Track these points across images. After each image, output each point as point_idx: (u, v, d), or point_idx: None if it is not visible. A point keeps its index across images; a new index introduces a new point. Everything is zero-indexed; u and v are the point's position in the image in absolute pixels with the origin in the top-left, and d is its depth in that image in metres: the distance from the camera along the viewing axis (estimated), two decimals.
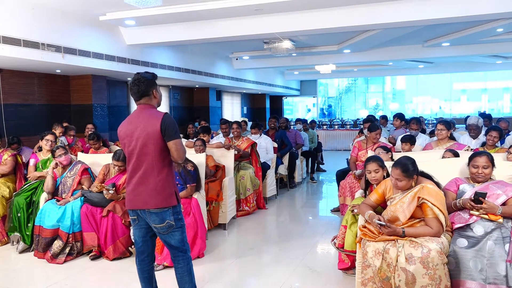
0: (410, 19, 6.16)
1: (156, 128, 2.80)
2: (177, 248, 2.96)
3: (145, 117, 2.87)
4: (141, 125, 2.85)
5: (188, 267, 3.01)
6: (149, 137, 2.82)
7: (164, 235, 2.92)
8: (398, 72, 16.50)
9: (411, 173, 3.15)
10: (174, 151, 2.84)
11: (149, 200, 2.84)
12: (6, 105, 7.06)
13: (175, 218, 2.91)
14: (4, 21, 5.45)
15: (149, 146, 2.83)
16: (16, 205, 4.80)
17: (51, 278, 3.98)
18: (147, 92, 2.91)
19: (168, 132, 2.81)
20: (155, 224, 2.88)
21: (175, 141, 2.84)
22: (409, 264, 2.85)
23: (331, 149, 14.89)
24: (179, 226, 2.94)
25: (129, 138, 2.89)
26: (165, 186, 2.87)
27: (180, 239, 2.96)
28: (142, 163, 2.86)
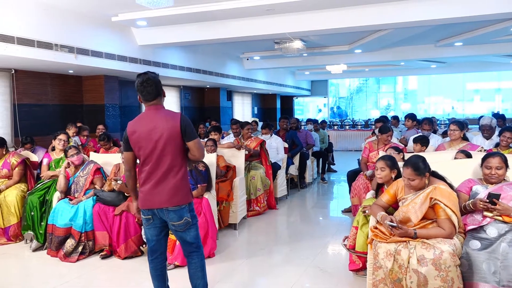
0: (421, 19, 6.11)
1: (176, 129, 2.82)
2: (192, 244, 3.01)
3: (161, 117, 2.87)
4: (159, 126, 2.83)
5: (201, 263, 3.05)
6: (170, 137, 2.83)
7: (181, 232, 2.96)
8: (410, 72, 16.37)
9: (423, 171, 3.13)
10: (196, 150, 2.88)
11: (169, 199, 2.87)
12: (20, 105, 7.15)
13: (191, 215, 2.96)
14: (18, 22, 5.52)
15: (170, 147, 2.84)
16: (29, 204, 4.86)
17: (64, 276, 4.02)
18: (159, 92, 2.92)
19: (188, 132, 2.85)
20: (174, 222, 2.91)
21: (195, 140, 2.88)
22: (421, 265, 2.83)
23: (342, 149, 14.82)
24: (194, 222, 3.00)
25: (146, 141, 2.85)
26: (183, 184, 2.92)
27: (195, 235, 3.01)
28: (161, 164, 2.86)
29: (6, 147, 5.26)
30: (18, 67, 6.90)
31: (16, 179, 5.21)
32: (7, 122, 7.03)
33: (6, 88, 6.99)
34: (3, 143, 5.19)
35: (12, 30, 5.43)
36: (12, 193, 5.06)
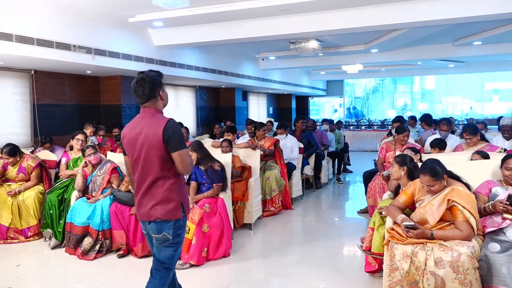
0: (439, 18, 6.02)
1: (158, 137, 2.56)
2: (163, 263, 2.72)
3: (147, 123, 2.63)
4: (143, 133, 2.61)
5: (161, 286, 2.73)
6: (151, 146, 2.58)
7: (157, 247, 2.72)
8: (427, 71, 16.16)
9: (441, 174, 3.09)
10: (179, 163, 2.59)
11: (152, 212, 2.64)
12: (39, 105, 7.27)
13: (174, 232, 2.67)
14: (37, 24, 5.61)
15: (153, 157, 2.60)
16: (48, 202, 4.95)
17: (82, 274, 4.08)
18: (153, 94, 2.65)
19: (172, 143, 2.56)
20: (152, 233, 2.69)
21: (180, 152, 2.58)
22: (438, 268, 2.79)
23: (357, 150, 14.71)
24: (175, 242, 2.70)
25: (132, 147, 2.67)
26: (173, 198, 2.65)
27: (170, 255, 2.72)
28: (147, 173, 2.64)
29: (19, 153, 5.30)
30: (38, 68, 7.02)
31: (35, 182, 5.29)
32: (27, 122, 7.15)
33: (26, 89, 7.11)
34: (15, 152, 5.21)
35: (32, 31, 5.53)
36: (30, 195, 5.15)
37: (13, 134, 6.88)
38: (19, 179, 5.27)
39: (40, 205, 5.12)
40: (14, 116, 6.94)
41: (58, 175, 5.51)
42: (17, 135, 6.96)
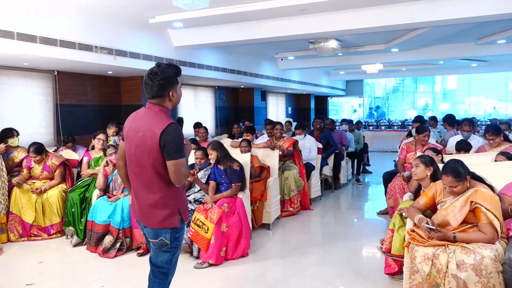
0: (462, 16, 5.90)
1: (155, 141, 2.34)
2: (161, 268, 2.61)
3: (147, 121, 2.43)
4: (142, 131, 2.41)
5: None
6: (147, 148, 2.38)
7: (154, 251, 2.62)
8: (449, 71, 15.88)
9: (464, 175, 3.04)
10: (172, 173, 2.36)
11: (145, 218, 2.51)
12: (62, 105, 7.41)
13: (171, 236, 2.52)
14: (60, 25, 5.72)
15: (146, 159, 2.40)
16: (70, 200, 5.04)
17: (102, 272, 4.14)
18: (161, 93, 2.44)
19: (168, 149, 2.33)
20: (149, 238, 2.58)
21: (175, 162, 2.34)
22: (460, 271, 2.75)
23: (377, 150, 14.57)
24: (173, 246, 2.56)
25: (129, 140, 2.50)
26: (165, 205, 2.46)
27: (167, 260, 2.59)
28: (139, 174, 2.47)
29: (44, 151, 5.43)
30: (60, 68, 7.16)
31: (59, 180, 5.41)
32: (50, 122, 7.30)
33: (49, 89, 7.26)
34: (41, 150, 5.34)
35: (55, 33, 5.64)
36: (54, 193, 5.25)
37: (37, 134, 7.03)
38: (43, 177, 5.38)
39: (63, 203, 5.22)
40: (38, 116, 7.09)
41: (80, 174, 5.61)
42: (40, 134, 7.11)
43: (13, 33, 5.13)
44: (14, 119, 6.51)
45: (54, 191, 5.28)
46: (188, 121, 9.75)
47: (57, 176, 5.39)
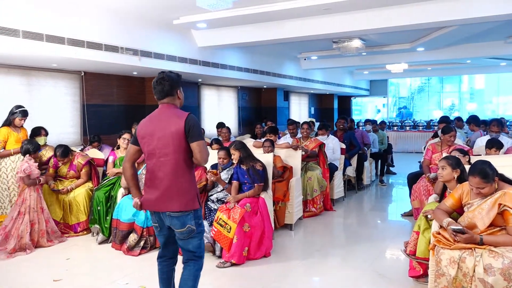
0: (491, 14, 5.76)
1: (179, 127, 2.70)
2: (193, 252, 2.87)
3: (167, 116, 2.79)
4: (162, 124, 2.77)
5: (195, 274, 2.89)
6: (171, 136, 2.72)
7: (184, 240, 2.83)
8: (477, 70, 15.51)
9: (492, 177, 2.96)
10: (198, 153, 2.73)
11: (171, 203, 2.75)
12: (88, 105, 7.57)
13: (196, 222, 2.81)
14: (87, 27, 5.85)
15: (171, 147, 2.72)
16: (96, 199, 5.14)
17: (127, 269, 4.21)
18: (171, 92, 2.84)
19: (192, 133, 2.71)
20: (176, 229, 2.80)
21: (199, 143, 2.73)
22: (487, 275, 2.68)
23: (401, 151, 14.36)
24: (199, 231, 2.85)
25: (149, 137, 2.80)
26: (188, 189, 2.78)
27: (198, 244, 2.87)
28: (163, 163, 2.75)
29: (70, 152, 5.54)
30: (87, 69, 7.32)
31: (85, 179, 5.53)
32: (77, 122, 7.47)
33: (76, 90, 7.43)
34: (67, 153, 5.45)
35: (82, 34, 5.76)
36: (81, 192, 5.38)
37: (64, 133, 7.20)
38: (70, 176, 5.51)
39: (89, 202, 5.33)
40: (65, 116, 7.26)
41: (106, 173, 5.71)
42: (68, 134, 7.29)
43: (42, 35, 5.27)
44: (42, 119, 6.68)
45: (81, 189, 5.40)
46: (211, 121, 9.82)
47: (83, 175, 5.51)
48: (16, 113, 5.26)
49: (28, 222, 4.73)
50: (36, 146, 5.07)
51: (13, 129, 5.30)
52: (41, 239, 4.85)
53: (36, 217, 4.82)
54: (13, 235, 4.65)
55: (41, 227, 4.86)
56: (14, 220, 4.71)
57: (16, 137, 5.29)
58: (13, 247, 4.59)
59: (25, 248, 4.65)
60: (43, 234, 4.87)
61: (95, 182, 5.59)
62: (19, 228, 4.68)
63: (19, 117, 5.27)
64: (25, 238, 4.68)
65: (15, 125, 5.32)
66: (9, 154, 5.21)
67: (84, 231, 5.34)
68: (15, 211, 4.75)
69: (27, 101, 6.52)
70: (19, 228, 4.68)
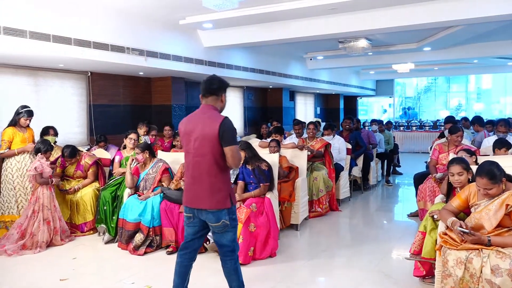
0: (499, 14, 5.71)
1: (214, 131, 2.82)
2: (228, 246, 3.02)
3: (205, 117, 2.92)
4: (200, 125, 2.90)
5: (235, 266, 3.06)
6: (206, 138, 2.85)
7: (218, 234, 3.00)
8: (484, 70, 15.41)
9: (499, 177, 2.94)
10: (230, 157, 2.87)
11: (205, 201, 2.90)
12: (94, 106, 7.60)
13: (230, 217, 2.95)
14: (94, 27, 5.87)
15: (206, 148, 2.87)
16: (102, 198, 5.17)
17: (133, 268, 4.23)
18: (216, 92, 2.97)
19: (225, 138, 2.84)
20: (211, 223, 2.95)
21: (231, 148, 2.86)
22: (495, 276, 2.67)
23: (408, 151, 14.30)
24: (233, 226, 3.00)
25: (187, 136, 2.96)
26: (221, 188, 2.91)
27: (232, 238, 3.02)
28: (198, 163, 2.91)
29: (77, 152, 5.57)
30: (94, 69, 7.35)
31: (92, 179, 5.56)
32: (83, 122, 7.50)
33: (83, 90, 7.47)
34: (75, 153, 5.48)
35: (89, 35, 5.79)
36: (88, 192, 5.41)
37: (71, 133, 7.24)
38: (77, 176, 5.54)
39: (96, 202, 5.35)
40: (72, 116, 7.30)
41: (112, 172, 5.74)
42: (74, 134, 7.33)
43: (49, 36, 5.30)
44: (49, 119, 6.71)
45: (88, 189, 5.42)
46: None
47: (90, 175, 5.53)
48: (21, 113, 5.27)
49: (42, 220, 4.79)
50: (47, 146, 5.09)
51: (18, 129, 5.30)
52: (55, 237, 4.91)
53: (50, 215, 4.88)
54: (29, 233, 4.72)
55: (55, 225, 4.92)
56: (29, 218, 4.78)
57: (22, 137, 5.30)
58: (23, 244, 4.64)
59: (36, 246, 4.70)
60: (56, 232, 4.93)
61: (101, 182, 5.61)
62: (33, 226, 4.74)
63: (24, 117, 5.28)
64: (38, 235, 4.73)
65: (21, 125, 5.32)
66: (13, 154, 5.19)
67: (91, 231, 5.37)
68: (30, 209, 4.81)
69: (34, 101, 6.56)
70: (32, 225, 4.74)
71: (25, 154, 5.26)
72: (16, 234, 4.72)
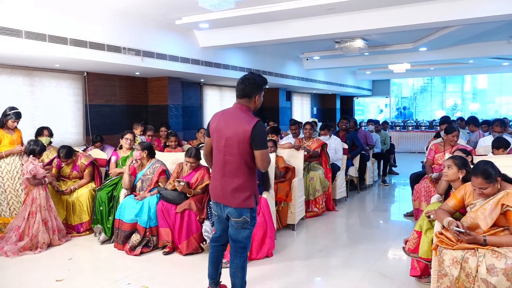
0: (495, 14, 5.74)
1: (246, 133, 2.86)
2: (241, 242, 3.10)
3: (238, 118, 2.95)
4: (232, 125, 2.93)
5: (242, 265, 3.13)
6: (238, 139, 2.90)
7: (235, 229, 3.07)
8: (480, 70, 15.49)
9: (494, 177, 2.96)
10: (259, 161, 2.92)
11: (230, 199, 2.99)
12: (91, 106, 7.59)
13: (251, 215, 3.05)
14: (90, 27, 5.86)
15: (236, 149, 2.92)
16: (98, 199, 5.15)
17: (129, 269, 4.22)
18: (249, 95, 2.99)
19: (257, 141, 2.88)
20: (233, 218, 3.04)
21: (262, 152, 2.90)
22: (490, 275, 2.68)
23: (404, 151, 14.34)
24: (252, 224, 3.09)
25: (218, 133, 3.00)
26: (246, 188, 2.98)
27: (247, 235, 3.11)
28: (228, 161, 2.98)
29: (73, 153, 5.53)
30: (90, 69, 7.33)
31: (88, 179, 5.53)
32: (79, 122, 7.49)
33: (79, 90, 7.45)
34: (71, 154, 5.45)
35: (85, 35, 5.78)
36: (84, 192, 5.38)
37: (67, 133, 7.23)
38: (73, 176, 5.52)
39: (92, 202, 5.33)
40: (68, 116, 7.28)
41: (108, 173, 5.72)
42: (70, 134, 7.31)
43: (45, 36, 5.29)
44: (45, 119, 6.70)
45: (84, 190, 5.40)
46: None
47: (86, 175, 5.52)
48: (9, 115, 5.16)
49: (40, 220, 4.76)
50: (42, 147, 5.06)
51: (6, 131, 5.20)
52: (53, 237, 4.89)
53: (48, 215, 4.86)
54: (27, 235, 4.69)
55: (53, 225, 4.91)
56: (27, 219, 4.74)
57: (10, 139, 5.22)
58: (23, 245, 4.62)
59: (37, 247, 4.69)
60: (54, 231, 4.91)
61: (97, 182, 5.60)
62: (33, 227, 4.71)
63: (12, 119, 5.18)
64: (38, 236, 4.71)
65: (8, 127, 5.23)
66: (1, 157, 5.12)
67: (87, 232, 5.34)
68: (26, 211, 4.76)
69: (29, 101, 6.54)
70: (32, 227, 4.71)
71: (14, 156, 5.20)
72: (14, 237, 4.67)
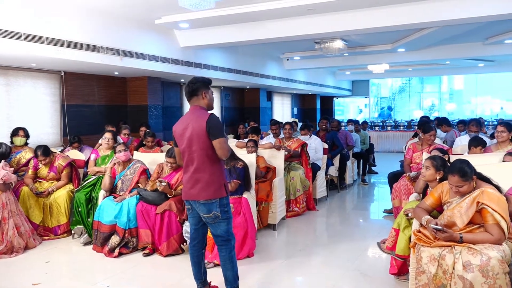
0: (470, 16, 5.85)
1: (202, 128, 3.08)
2: (221, 236, 3.24)
3: (193, 117, 3.16)
4: (190, 126, 3.14)
5: (229, 256, 3.27)
6: (197, 135, 3.10)
7: (211, 224, 3.24)
8: (456, 71, 15.79)
9: (470, 175, 3.02)
10: (219, 149, 3.10)
11: (200, 193, 3.14)
12: (68, 106, 7.45)
13: (221, 210, 3.18)
14: (68, 26, 5.75)
15: (197, 144, 3.11)
16: (76, 200, 5.07)
17: (108, 271, 4.16)
18: (195, 92, 3.23)
19: (213, 132, 3.08)
20: (203, 214, 3.19)
21: (219, 140, 3.09)
22: (466, 272, 2.73)
23: (383, 150, 14.53)
24: (225, 217, 3.22)
25: (180, 137, 3.21)
26: (214, 180, 3.14)
27: (225, 229, 3.24)
28: (193, 159, 3.16)
29: (51, 152, 5.44)
30: (67, 69, 7.20)
31: (66, 181, 5.43)
32: (56, 122, 7.34)
33: (56, 90, 7.31)
34: (48, 152, 5.36)
35: (62, 34, 5.67)
36: (62, 194, 5.28)
37: (44, 134, 7.08)
38: (50, 178, 5.41)
39: (70, 204, 5.24)
40: (45, 116, 7.13)
41: (86, 171, 5.64)
42: (47, 134, 7.16)
43: (21, 34, 5.17)
44: (21, 119, 6.55)
45: (62, 191, 5.31)
46: None
47: (64, 176, 5.42)
48: None
49: (13, 226, 4.66)
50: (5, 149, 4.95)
51: None
52: (29, 240, 4.80)
53: (19, 220, 4.75)
54: (2, 241, 4.57)
55: (26, 228, 4.81)
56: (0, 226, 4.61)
57: None
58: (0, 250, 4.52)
59: (12, 251, 4.59)
60: (29, 234, 4.83)
61: (75, 183, 5.50)
62: (8, 234, 4.60)
63: None
64: (14, 242, 4.61)
65: None
66: None
67: (65, 234, 5.25)
68: None
69: (5, 101, 6.39)
70: (7, 233, 4.59)
71: None
72: None
